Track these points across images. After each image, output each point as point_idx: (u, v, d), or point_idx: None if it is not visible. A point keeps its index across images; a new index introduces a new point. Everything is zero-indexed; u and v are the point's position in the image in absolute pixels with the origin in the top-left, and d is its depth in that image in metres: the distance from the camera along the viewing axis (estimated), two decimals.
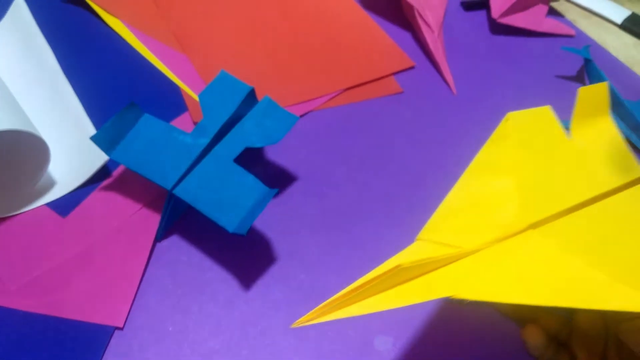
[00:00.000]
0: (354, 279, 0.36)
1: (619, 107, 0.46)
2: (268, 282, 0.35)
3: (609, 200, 0.27)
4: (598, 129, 0.32)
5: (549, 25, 0.55)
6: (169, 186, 0.34)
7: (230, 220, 0.32)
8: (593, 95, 0.32)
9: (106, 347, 0.32)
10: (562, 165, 0.29)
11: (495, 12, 0.54)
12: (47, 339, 0.32)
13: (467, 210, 0.27)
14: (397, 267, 0.21)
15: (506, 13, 0.54)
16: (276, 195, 0.39)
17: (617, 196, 0.28)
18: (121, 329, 0.32)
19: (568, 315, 0.28)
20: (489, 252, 0.24)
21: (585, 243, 0.24)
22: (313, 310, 0.22)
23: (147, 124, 0.36)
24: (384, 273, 0.21)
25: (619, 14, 0.59)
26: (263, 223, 0.38)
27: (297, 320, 0.22)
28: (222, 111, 0.37)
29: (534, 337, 0.27)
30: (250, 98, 0.38)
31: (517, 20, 0.54)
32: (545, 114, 0.31)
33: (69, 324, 0.32)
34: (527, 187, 0.27)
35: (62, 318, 0.32)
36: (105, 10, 0.48)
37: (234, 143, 0.36)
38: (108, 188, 0.38)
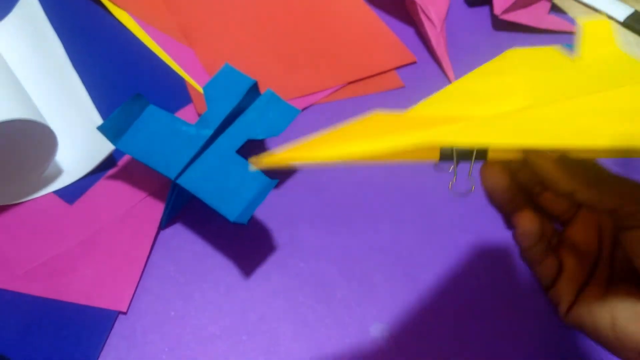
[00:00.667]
0: (352, 267, 0.37)
1: None
2: (268, 270, 0.36)
3: (620, 89, 0.24)
4: (608, 54, 0.29)
5: (551, 22, 0.56)
6: (172, 176, 0.34)
7: (231, 210, 0.33)
8: (597, 29, 0.30)
9: (110, 331, 0.33)
10: (571, 75, 0.26)
11: (498, 8, 0.54)
12: (53, 322, 0.33)
13: (463, 97, 0.25)
14: (373, 114, 0.20)
15: (509, 9, 0.54)
16: (277, 186, 0.40)
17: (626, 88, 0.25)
18: (125, 313, 0.33)
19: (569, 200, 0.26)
20: (484, 119, 0.22)
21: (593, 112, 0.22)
22: (284, 151, 0.18)
23: (152, 114, 0.37)
24: (359, 120, 0.19)
25: (622, 12, 0.59)
26: (264, 213, 0.38)
27: (266, 158, 0.18)
28: (226, 103, 0.38)
29: (528, 222, 0.25)
30: (253, 91, 0.39)
31: (520, 16, 0.55)
32: (549, 52, 0.29)
33: (74, 308, 0.33)
34: (531, 86, 0.25)
35: (68, 302, 0.33)
36: (112, 2, 0.48)
37: (237, 135, 0.37)
38: (114, 177, 0.39)
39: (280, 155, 0.18)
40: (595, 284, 0.25)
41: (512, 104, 0.23)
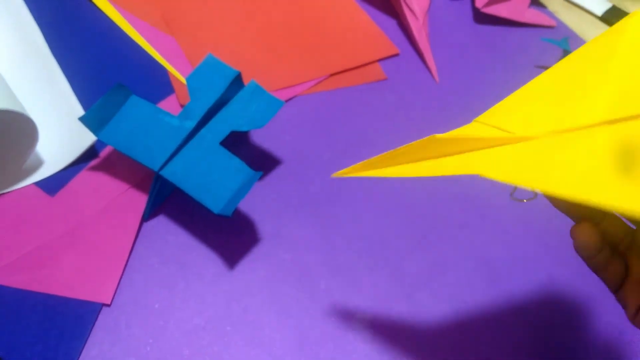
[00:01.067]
0: (335, 258, 0.37)
1: None
2: (252, 261, 0.36)
3: None
4: None
5: (531, 15, 0.57)
6: (156, 167, 0.34)
7: (216, 202, 0.33)
8: None
9: (94, 323, 0.33)
10: None
11: (479, 1, 0.55)
12: (36, 314, 0.33)
13: (542, 98, 0.23)
14: (431, 137, 0.21)
15: (490, 3, 0.55)
16: (261, 177, 0.40)
17: None
18: (109, 305, 0.33)
19: (634, 225, 0.25)
20: (544, 141, 0.20)
21: None
22: (352, 167, 0.24)
23: (135, 105, 0.36)
24: (418, 142, 0.21)
25: (600, 6, 0.60)
26: (248, 205, 0.39)
27: (338, 172, 0.25)
28: (209, 95, 0.38)
29: (586, 235, 0.23)
30: (237, 82, 0.39)
31: (500, 10, 0.55)
32: None
33: (57, 301, 0.33)
34: (625, 85, 0.21)
35: (51, 295, 0.33)
36: None
37: (220, 126, 0.37)
38: (96, 168, 0.38)
39: (353, 169, 0.24)
40: None
41: (583, 117, 0.20)
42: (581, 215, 0.24)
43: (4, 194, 0.37)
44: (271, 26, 0.50)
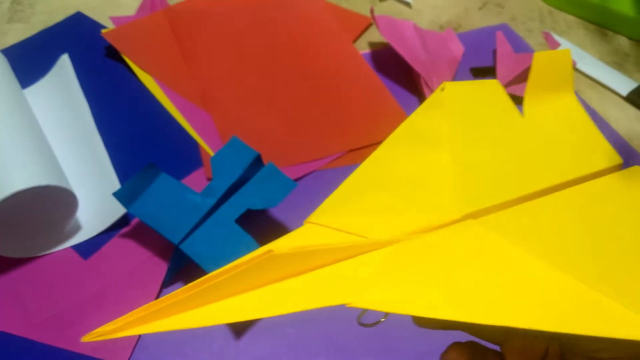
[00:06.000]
0: (337, 339, 0.39)
1: None
2: (258, 334, 0.39)
3: (573, 189, 0.21)
4: (559, 106, 0.25)
5: None
6: (176, 241, 0.38)
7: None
8: (553, 64, 0.26)
9: None
10: (513, 144, 0.23)
11: (501, 80, 0.57)
12: None
13: (380, 189, 0.20)
14: (267, 252, 0.16)
15: (511, 82, 0.57)
16: None
17: (584, 185, 0.22)
18: None
19: None
20: (407, 245, 0.18)
21: (545, 242, 0.18)
22: (119, 321, 0.16)
23: (163, 183, 0.40)
24: (250, 260, 0.16)
25: (626, 86, 0.61)
26: None
27: (92, 332, 0.16)
28: (230, 174, 0.41)
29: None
30: (257, 162, 0.42)
31: (521, 90, 0.57)
32: (492, 86, 0.25)
33: (80, 358, 0.37)
34: (466, 166, 0.21)
35: (74, 352, 0.37)
36: (139, 66, 0.53)
37: (237, 204, 0.40)
38: (126, 236, 0.43)
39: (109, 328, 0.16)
40: None
41: (440, 211, 0.19)
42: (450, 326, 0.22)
43: (44, 255, 0.41)
44: (300, 102, 0.54)
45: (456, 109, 0.23)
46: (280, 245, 0.18)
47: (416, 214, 0.19)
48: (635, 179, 0.23)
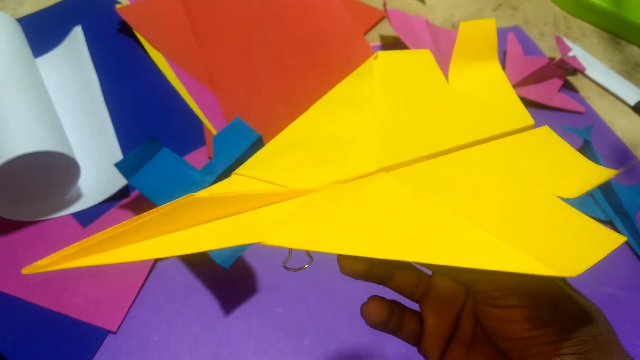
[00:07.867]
0: (323, 318, 0.40)
1: (607, 190, 0.49)
2: (247, 311, 0.39)
3: (484, 146, 0.23)
4: (483, 73, 0.27)
5: (560, 100, 0.58)
6: None
7: (218, 253, 0.37)
8: (477, 33, 0.27)
9: (99, 347, 0.37)
10: (435, 107, 0.24)
11: (510, 82, 0.57)
12: (50, 331, 0.37)
13: (305, 146, 0.22)
14: (189, 195, 0.17)
15: (520, 84, 0.57)
16: None
17: (496, 142, 0.24)
18: (114, 333, 0.38)
19: (425, 273, 0.25)
20: (321, 194, 0.20)
21: (451, 192, 0.20)
22: (55, 255, 0.17)
23: (164, 157, 0.41)
24: (174, 202, 0.17)
25: (634, 96, 0.61)
26: (252, 257, 0.42)
27: (32, 265, 0.17)
28: (231, 153, 0.42)
29: (373, 316, 0.24)
30: (258, 144, 0.43)
31: (529, 92, 0.57)
32: (423, 56, 0.27)
33: (71, 322, 0.38)
34: (388, 126, 0.22)
35: (66, 315, 0.38)
36: (150, 43, 0.54)
37: None
38: (125, 207, 0.43)
39: (54, 260, 0.17)
40: (459, 342, 0.24)
41: (358, 165, 0.21)
42: (370, 274, 0.23)
43: (44, 220, 0.42)
44: (305, 87, 0.54)
45: (386, 75, 0.25)
46: (205, 191, 0.19)
47: (335, 168, 0.21)
48: (542, 139, 0.25)
